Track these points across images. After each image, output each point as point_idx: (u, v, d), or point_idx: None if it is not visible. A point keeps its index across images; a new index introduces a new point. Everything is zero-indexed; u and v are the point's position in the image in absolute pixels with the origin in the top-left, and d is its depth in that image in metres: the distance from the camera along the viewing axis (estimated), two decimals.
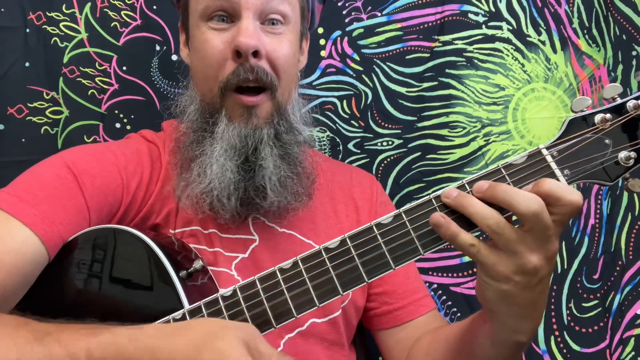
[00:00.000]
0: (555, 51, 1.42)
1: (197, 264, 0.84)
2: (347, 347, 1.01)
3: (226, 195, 0.90)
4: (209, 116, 0.93)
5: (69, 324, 0.71)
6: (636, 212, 1.38)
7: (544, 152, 0.72)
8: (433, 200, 0.73)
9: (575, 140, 0.72)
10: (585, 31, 1.42)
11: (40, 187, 0.84)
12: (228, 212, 0.91)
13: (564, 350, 1.37)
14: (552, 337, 1.37)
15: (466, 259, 1.36)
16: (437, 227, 0.70)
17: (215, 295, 0.75)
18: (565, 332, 1.37)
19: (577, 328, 1.38)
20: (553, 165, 0.71)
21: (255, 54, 0.89)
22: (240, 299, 0.74)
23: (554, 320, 1.38)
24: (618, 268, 1.36)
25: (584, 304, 1.38)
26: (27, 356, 0.65)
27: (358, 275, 0.73)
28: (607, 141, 0.72)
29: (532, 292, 0.70)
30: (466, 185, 0.72)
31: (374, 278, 0.73)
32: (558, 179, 0.70)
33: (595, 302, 1.38)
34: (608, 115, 0.72)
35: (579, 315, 1.38)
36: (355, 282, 0.73)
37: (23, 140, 1.24)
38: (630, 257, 1.36)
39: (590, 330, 1.38)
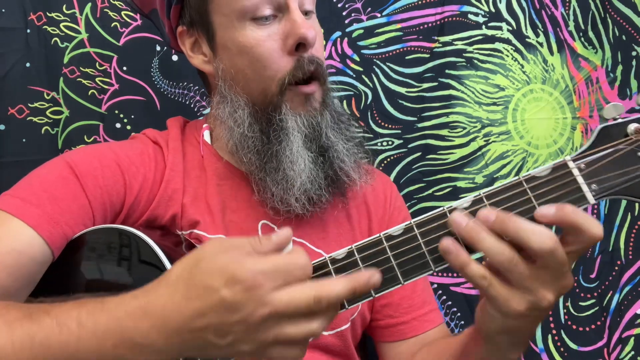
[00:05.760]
0: (552, 53, 1.42)
1: None
2: (353, 357, 0.99)
3: (315, 189, 0.90)
4: (269, 115, 0.90)
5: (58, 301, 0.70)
6: (636, 212, 1.39)
7: (571, 164, 0.66)
8: (447, 212, 0.68)
9: (605, 152, 0.66)
10: (581, 34, 1.43)
11: (44, 189, 0.83)
12: (320, 206, 0.92)
13: (562, 349, 1.38)
14: (550, 336, 1.38)
15: None
16: (447, 253, 0.65)
17: None
18: (562, 331, 1.38)
19: (574, 327, 1.38)
20: (580, 180, 0.65)
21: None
22: None
23: (551, 319, 1.38)
24: (617, 268, 1.37)
25: (581, 303, 1.39)
26: (18, 332, 0.65)
27: None
28: (639, 154, 0.66)
29: (533, 324, 0.69)
30: (483, 197, 0.67)
31: (381, 293, 0.69)
32: (585, 195, 0.65)
33: (593, 301, 1.39)
34: None
35: (576, 314, 1.38)
36: (361, 296, 0.68)
37: (24, 140, 1.23)
38: (630, 257, 1.37)
39: (587, 329, 1.38)
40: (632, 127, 0.66)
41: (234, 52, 0.90)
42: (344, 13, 1.39)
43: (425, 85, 1.39)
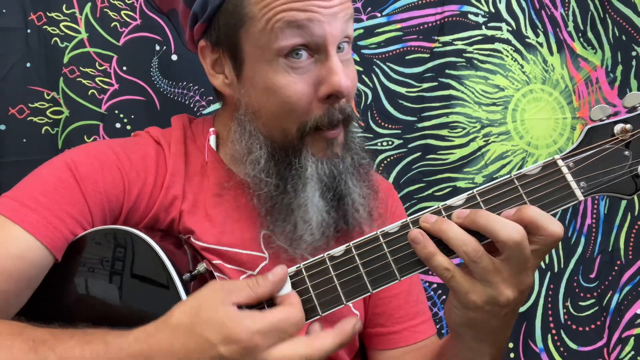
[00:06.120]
0: (551, 53, 1.43)
1: (201, 267, 0.83)
2: None
3: (323, 242, 0.86)
4: (289, 158, 0.87)
5: (63, 329, 0.71)
6: (636, 212, 1.40)
7: (560, 162, 0.69)
8: (442, 210, 0.70)
9: (593, 151, 0.69)
10: (580, 34, 1.43)
11: (43, 192, 0.82)
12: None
13: (561, 349, 1.38)
14: (549, 336, 1.38)
15: None
16: (415, 243, 0.68)
17: None
18: (562, 331, 1.39)
19: (574, 327, 1.39)
20: (569, 177, 0.68)
21: None
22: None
23: (550, 318, 1.39)
24: (617, 267, 1.37)
25: (580, 303, 1.40)
26: None
27: (362, 285, 0.70)
28: (626, 153, 0.69)
29: (498, 321, 0.69)
30: (477, 195, 0.70)
31: (378, 288, 0.70)
32: (574, 192, 0.68)
33: (592, 301, 1.39)
34: (628, 126, 0.68)
35: (575, 314, 1.39)
36: (359, 292, 0.71)
37: (24, 140, 1.23)
38: (630, 257, 1.37)
39: (587, 328, 1.39)
40: (618, 127, 0.69)
41: (261, 87, 0.85)
42: None
43: (425, 85, 1.39)
